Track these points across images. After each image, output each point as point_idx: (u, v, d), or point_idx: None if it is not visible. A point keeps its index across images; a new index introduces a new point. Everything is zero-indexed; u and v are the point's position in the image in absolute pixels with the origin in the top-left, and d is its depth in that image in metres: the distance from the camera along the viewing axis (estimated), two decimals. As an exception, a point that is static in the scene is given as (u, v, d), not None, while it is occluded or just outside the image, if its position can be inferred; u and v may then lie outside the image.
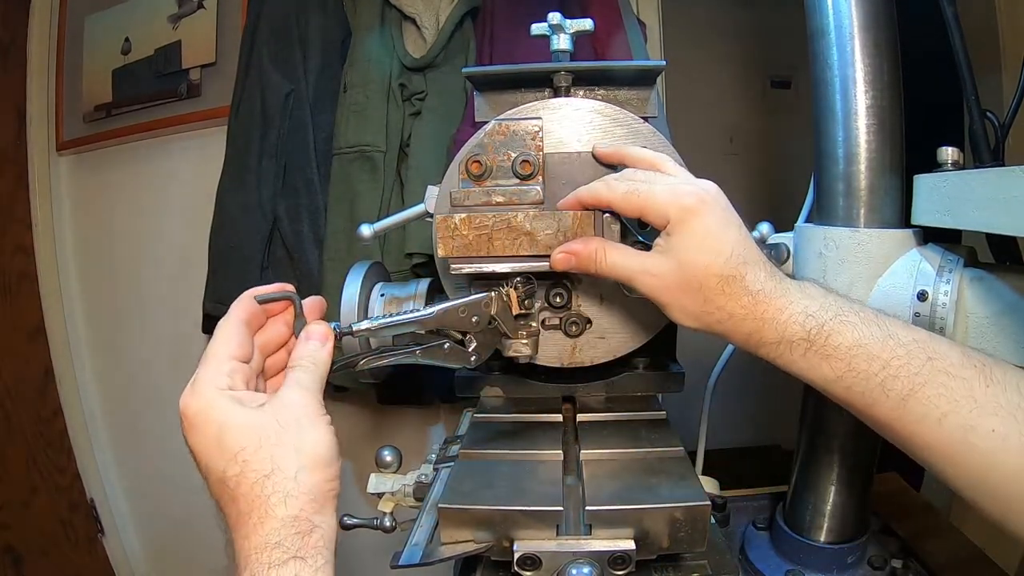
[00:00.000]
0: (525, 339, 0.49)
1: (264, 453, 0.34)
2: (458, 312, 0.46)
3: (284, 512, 0.33)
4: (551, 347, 0.54)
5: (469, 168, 0.48)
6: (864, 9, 0.50)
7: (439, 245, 0.47)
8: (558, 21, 0.53)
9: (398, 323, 0.45)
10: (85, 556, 1.51)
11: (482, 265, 0.47)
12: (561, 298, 0.52)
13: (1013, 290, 0.45)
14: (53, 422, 1.48)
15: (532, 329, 0.50)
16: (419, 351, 0.46)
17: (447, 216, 0.46)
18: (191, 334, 1.35)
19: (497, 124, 0.49)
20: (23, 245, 1.46)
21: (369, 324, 0.45)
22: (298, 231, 1.17)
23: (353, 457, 1.44)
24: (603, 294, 0.53)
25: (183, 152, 1.40)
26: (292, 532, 0.33)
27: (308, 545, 0.33)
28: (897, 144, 0.52)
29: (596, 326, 0.53)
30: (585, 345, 0.53)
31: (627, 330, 0.53)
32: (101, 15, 1.42)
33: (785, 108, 2.17)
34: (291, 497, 0.34)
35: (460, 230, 0.46)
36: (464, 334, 0.47)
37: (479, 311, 0.47)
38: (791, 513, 0.62)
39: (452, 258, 0.47)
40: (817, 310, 0.38)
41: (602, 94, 0.56)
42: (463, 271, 0.47)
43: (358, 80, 1.12)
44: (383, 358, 0.45)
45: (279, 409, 0.37)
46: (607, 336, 0.53)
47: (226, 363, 0.38)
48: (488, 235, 0.46)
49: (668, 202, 0.40)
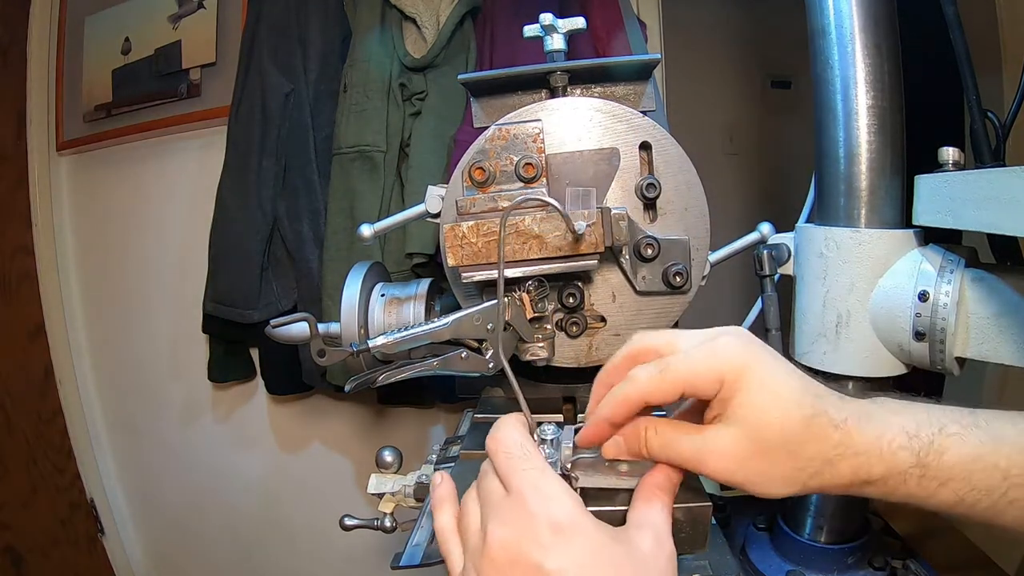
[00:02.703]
0: (541, 342, 0.49)
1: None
2: (472, 321, 0.46)
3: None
4: (567, 348, 0.54)
5: (472, 175, 0.48)
6: (865, 9, 0.50)
7: (448, 255, 0.46)
8: (550, 22, 0.53)
9: (415, 335, 0.45)
10: (85, 556, 1.51)
11: (493, 272, 0.46)
12: (574, 299, 0.51)
13: (1014, 290, 0.45)
14: (53, 422, 1.49)
15: (547, 332, 0.50)
16: (437, 362, 0.46)
17: (455, 225, 0.46)
18: (191, 334, 1.35)
19: (497, 129, 0.49)
20: (23, 245, 1.46)
21: (385, 340, 0.45)
22: (298, 231, 1.17)
23: (353, 457, 1.45)
24: (615, 292, 0.53)
25: (183, 152, 1.40)
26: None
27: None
28: (898, 144, 0.52)
29: (611, 324, 0.53)
30: (602, 343, 0.53)
31: (640, 326, 0.53)
32: (101, 15, 1.42)
33: (785, 108, 2.16)
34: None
35: (468, 238, 0.46)
36: (481, 341, 0.47)
37: (493, 318, 0.46)
38: (792, 514, 0.62)
39: (463, 267, 0.47)
40: (915, 427, 0.33)
41: (599, 91, 0.56)
42: (475, 279, 0.47)
43: (358, 80, 1.12)
44: (402, 371, 0.45)
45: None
46: (623, 333, 0.53)
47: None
48: (497, 241, 0.46)
49: (712, 365, 0.34)
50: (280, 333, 0.48)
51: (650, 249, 0.50)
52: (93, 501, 1.53)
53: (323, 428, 1.44)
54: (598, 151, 0.51)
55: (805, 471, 0.34)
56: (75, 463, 1.51)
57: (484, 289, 0.51)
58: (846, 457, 0.33)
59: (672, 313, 0.53)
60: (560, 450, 0.41)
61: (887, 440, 0.33)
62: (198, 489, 1.52)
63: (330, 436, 1.45)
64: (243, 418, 1.47)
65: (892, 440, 0.33)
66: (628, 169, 0.51)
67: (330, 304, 1.09)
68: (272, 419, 1.46)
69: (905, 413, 0.34)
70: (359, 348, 0.44)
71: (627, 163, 0.51)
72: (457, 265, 0.47)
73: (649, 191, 0.50)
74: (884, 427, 0.33)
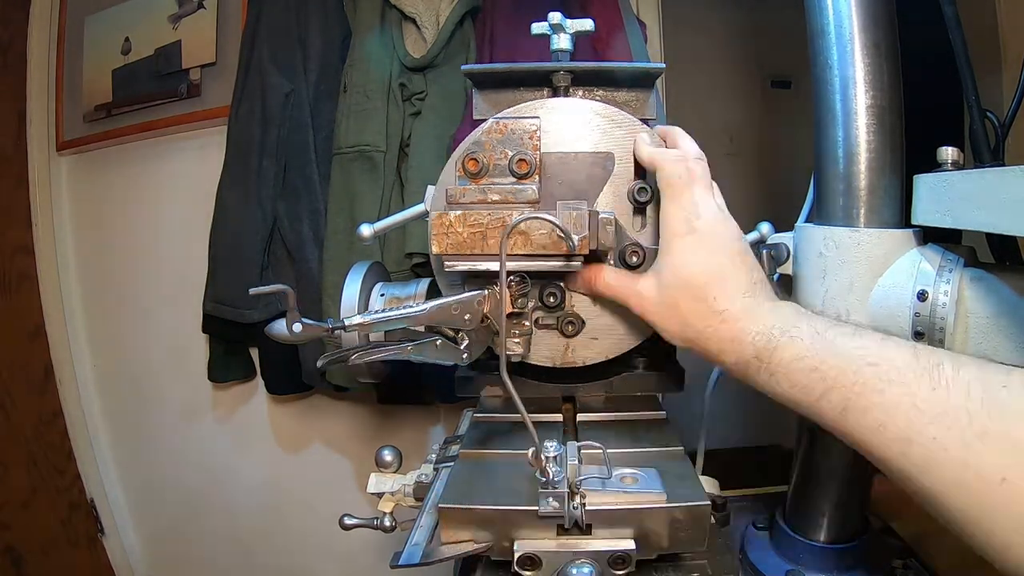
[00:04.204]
0: (517, 338, 0.49)
1: None
2: (451, 309, 0.46)
3: None
4: (544, 347, 0.53)
5: (466, 165, 0.48)
6: (864, 9, 0.50)
7: (433, 242, 0.46)
8: (559, 21, 0.53)
9: (391, 319, 0.45)
10: (85, 556, 1.51)
11: (476, 263, 0.46)
12: (555, 298, 0.52)
13: (1013, 290, 0.45)
14: (53, 422, 1.49)
15: (525, 328, 0.50)
16: (410, 347, 0.46)
17: (442, 213, 0.46)
18: (191, 334, 1.35)
19: (495, 122, 0.49)
20: (23, 245, 1.46)
21: (362, 319, 0.45)
22: (298, 231, 1.17)
23: (353, 457, 1.45)
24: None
25: (183, 152, 1.40)
26: None
27: None
28: (897, 144, 0.52)
29: (590, 326, 0.53)
30: (579, 345, 0.53)
31: (621, 331, 0.53)
32: (101, 15, 1.42)
33: (785, 108, 2.16)
34: None
35: (455, 227, 0.46)
36: (457, 332, 0.47)
37: (472, 309, 0.47)
38: (791, 513, 0.62)
39: (446, 255, 0.47)
40: (771, 328, 0.39)
41: (601, 95, 0.56)
42: (456, 268, 0.47)
43: (358, 80, 1.12)
44: (373, 352, 0.45)
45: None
46: (601, 336, 0.53)
47: None
48: (483, 233, 0.46)
49: (671, 219, 0.44)
50: (279, 333, 0.48)
51: (635, 256, 0.50)
52: (93, 501, 1.53)
53: (323, 428, 1.44)
54: (593, 154, 0.50)
55: (686, 334, 0.43)
56: (75, 463, 1.51)
57: (467, 280, 0.50)
58: (712, 340, 0.42)
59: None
60: (565, 467, 0.41)
61: (746, 334, 0.40)
62: (198, 489, 1.52)
63: (330, 436, 1.45)
64: (243, 418, 1.47)
65: (748, 335, 0.40)
66: (622, 175, 0.51)
67: (330, 304, 1.09)
68: (272, 419, 1.46)
69: (777, 314, 0.40)
70: (335, 325, 0.44)
71: (621, 169, 0.51)
72: (441, 253, 0.47)
73: (640, 195, 0.50)
74: (751, 323, 0.40)
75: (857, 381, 0.34)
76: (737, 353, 0.40)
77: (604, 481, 0.42)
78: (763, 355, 0.39)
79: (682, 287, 0.43)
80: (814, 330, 0.38)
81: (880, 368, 0.34)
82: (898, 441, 0.33)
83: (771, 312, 0.41)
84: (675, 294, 0.43)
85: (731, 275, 0.42)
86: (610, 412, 0.58)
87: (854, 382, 0.34)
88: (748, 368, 0.40)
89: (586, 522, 0.41)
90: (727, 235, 0.44)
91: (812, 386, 0.36)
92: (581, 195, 0.50)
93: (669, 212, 0.44)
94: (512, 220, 0.45)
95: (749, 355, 0.39)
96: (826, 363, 0.36)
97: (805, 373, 0.36)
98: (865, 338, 0.37)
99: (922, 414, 0.32)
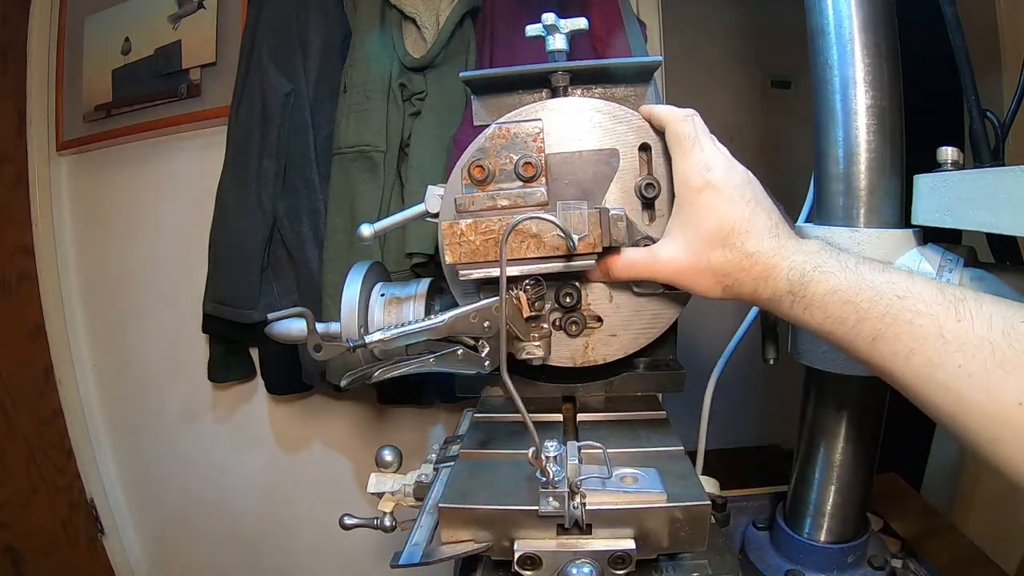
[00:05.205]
0: (537, 341, 0.49)
1: None
2: (469, 318, 0.46)
3: None
4: (563, 347, 0.54)
5: (472, 173, 0.48)
6: (864, 9, 0.50)
7: (446, 252, 0.46)
8: (552, 21, 0.53)
9: (410, 333, 0.45)
10: (85, 556, 1.51)
11: (491, 270, 0.46)
12: (571, 298, 0.52)
13: (1013, 290, 0.45)
14: (53, 422, 1.48)
15: (544, 331, 0.50)
16: (433, 359, 0.46)
17: (453, 222, 0.46)
18: (191, 334, 1.35)
19: (497, 128, 0.49)
20: (23, 245, 1.46)
21: (381, 335, 0.45)
22: (298, 231, 1.17)
23: (353, 457, 1.45)
24: (612, 292, 0.53)
25: (183, 152, 1.40)
26: None
27: None
28: (897, 144, 0.52)
29: (607, 324, 0.53)
30: (598, 343, 0.54)
31: (637, 327, 0.53)
32: (101, 15, 1.42)
33: (785, 108, 2.16)
34: None
35: (467, 236, 0.46)
36: (476, 339, 0.47)
37: (490, 316, 0.46)
38: (791, 513, 0.62)
39: (460, 264, 0.47)
40: (803, 264, 0.41)
41: (600, 92, 0.56)
42: (472, 276, 0.47)
43: (358, 80, 1.12)
44: (398, 368, 0.45)
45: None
46: (619, 333, 0.53)
47: None
48: (495, 239, 0.46)
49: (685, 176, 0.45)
50: (279, 332, 0.48)
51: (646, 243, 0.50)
52: (93, 501, 1.53)
53: (323, 428, 1.44)
54: (598, 152, 0.51)
55: (723, 283, 0.45)
56: (75, 463, 1.51)
57: (482, 287, 0.50)
58: (747, 283, 0.43)
59: (670, 314, 0.53)
60: (566, 467, 0.41)
61: (779, 270, 0.42)
62: (198, 489, 1.52)
63: (330, 436, 1.45)
64: (243, 418, 1.47)
65: (780, 271, 0.42)
66: (628, 170, 0.51)
67: (330, 304, 1.09)
68: (272, 419, 1.46)
69: (807, 249, 0.42)
70: (355, 344, 0.44)
71: (627, 164, 0.51)
72: (455, 263, 0.47)
73: (648, 191, 0.50)
74: (782, 260, 0.42)
75: (888, 312, 0.37)
76: (772, 289, 0.42)
77: (604, 481, 0.42)
78: (797, 289, 0.41)
79: (710, 240, 0.44)
80: (844, 265, 0.40)
81: (908, 300, 0.36)
82: (926, 366, 0.35)
83: (800, 248, 0.42)
84: (703, 249, 0.44)
85: (753, 218, 0.44)
86: (610, 412, 0.58)
87: (885, 313, 0.37)
88: (782, 303, 0.42)
89: (586, 522, 0.41)
90: (740, 181, 0.45)
91: (845, 317, 0.38)
92: (588, 194, 0.50)
93: (682, 169, 0.46)
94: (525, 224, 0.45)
95: (783, 291, 0.41)
96: (859, 295, 0.38)
97: (839, 306, 0.39)
98: (893, 273, 0.39)
99: (948, 344, 0.34)
